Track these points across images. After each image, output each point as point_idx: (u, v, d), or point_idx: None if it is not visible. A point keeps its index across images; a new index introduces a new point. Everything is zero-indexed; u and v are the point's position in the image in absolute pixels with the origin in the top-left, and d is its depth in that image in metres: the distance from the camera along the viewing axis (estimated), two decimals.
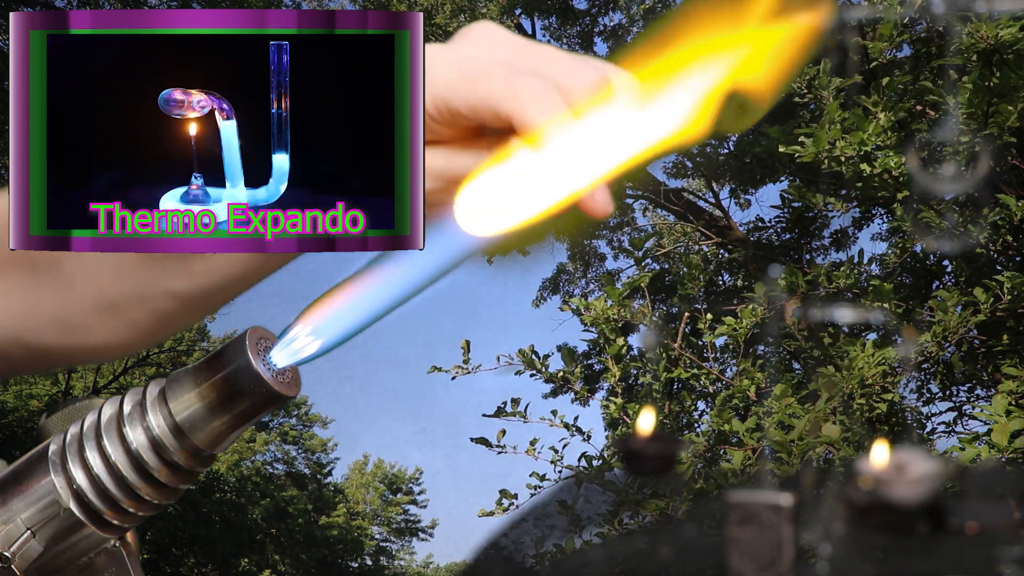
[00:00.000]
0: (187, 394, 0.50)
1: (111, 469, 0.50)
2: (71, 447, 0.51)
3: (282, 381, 0.50)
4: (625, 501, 3.32)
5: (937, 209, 3.67)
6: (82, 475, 0.50)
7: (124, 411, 0.51)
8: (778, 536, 0.34)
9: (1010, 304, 3.34)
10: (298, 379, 0.52)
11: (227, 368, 0.50)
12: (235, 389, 0.49)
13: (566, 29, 10.06)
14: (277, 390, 0.50)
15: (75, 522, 0.50)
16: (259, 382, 0.49)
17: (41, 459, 0.51)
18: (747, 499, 0.34)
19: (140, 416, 0.51)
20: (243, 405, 0.50)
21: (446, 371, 3.98)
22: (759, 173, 6.68)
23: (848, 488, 0.34)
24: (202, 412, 0.50)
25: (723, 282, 7.45)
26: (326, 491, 24.93)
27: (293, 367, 0.51)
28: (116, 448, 0.50)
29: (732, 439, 3.49)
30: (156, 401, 0.51)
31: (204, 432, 0.50)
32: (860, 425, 3.13)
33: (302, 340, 0.48)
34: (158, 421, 0.50)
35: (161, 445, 0.50)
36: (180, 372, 0.51)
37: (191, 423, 0.50)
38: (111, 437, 0.50)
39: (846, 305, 3.85)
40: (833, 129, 3.19)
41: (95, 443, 0.50)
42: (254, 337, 0.50)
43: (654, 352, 4.07)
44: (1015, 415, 2.86)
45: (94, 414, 0.52)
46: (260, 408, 0.50)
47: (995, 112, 3.25)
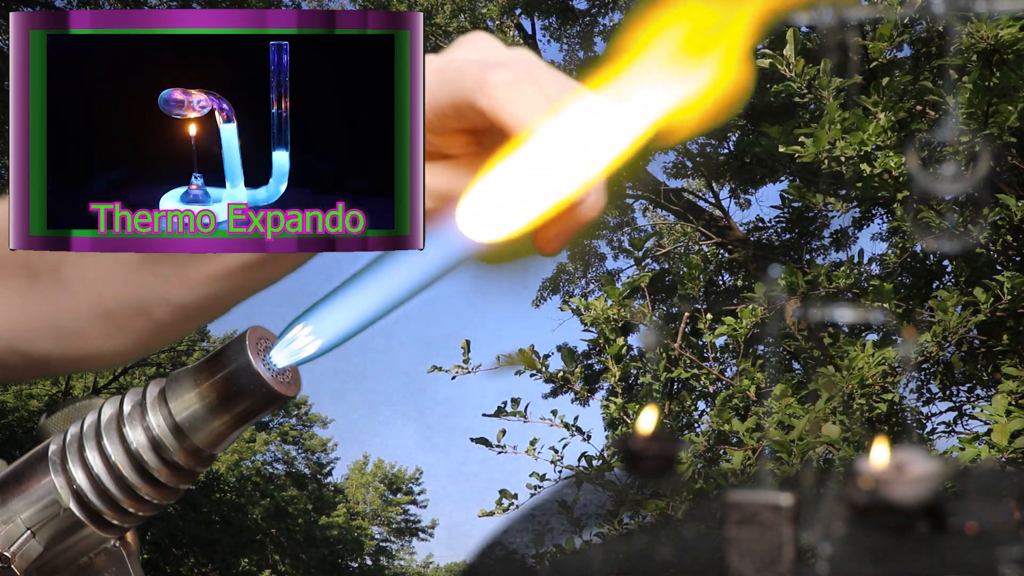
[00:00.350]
0: (187, 394, 0.50)
1: (111, 469, 0.50)
2: (71, 447, 0.51)
3: (282, 381, 0.50)
4: (625, 501, 3.32)
5: (937, 209, 3.67)
6: (82, 475, 0.50)
7: (124, 411, 0.51)
8: (778, 536, 0.34)
9: (1010, 304, 3.34)
10: (298, 379, 0.52)
11: (227, 368, 0.49)
12: (235, 389, 0.49)
13: (566, 29, 10.06)
14: (277, 390, 0.50)
15: (75, 522, 0.50)
16: (259, 382, 0.49)
17: (41, 459, 0.51)
18: (747, 499, 0.34)
19: (140, 416, 0.51)
20: (243, 405, 0.50)
21: (446, 371, 3.98)
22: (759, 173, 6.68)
23: (848, 488, 0.34)
24: (202, 412, 0.50)
25: (723, 282, 7.45)
26: (326, 491, 24.92)
27: (293, 367, 0.51)
28: (116, 448, 0.50)
29: (732, 439, 3.49)
30: (156, 401, 0.51)
31: (204, 432, 0.50)
32: (860, 425, 3.13)
33: (302, 340, 0.48)
34: (158, 421, 0.50)
35: (161, 445, 0.50)
36: (180, 372, 0.51)
37: (191, 423, 0.50)
38: (111, 437, 0.50)
39: (846, 305, 3.85)
40: (833, 129, 3.19)
41: (95, 443, 0.50)
42: (254, 337, 0.50)
43: (654, 352, 4.07)
44: (1015, 415, 2.86)
45: (94, 414, 0.52)
46: (260, 408, 0.50)
47: (995, 112, 3.25)
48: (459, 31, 9.83)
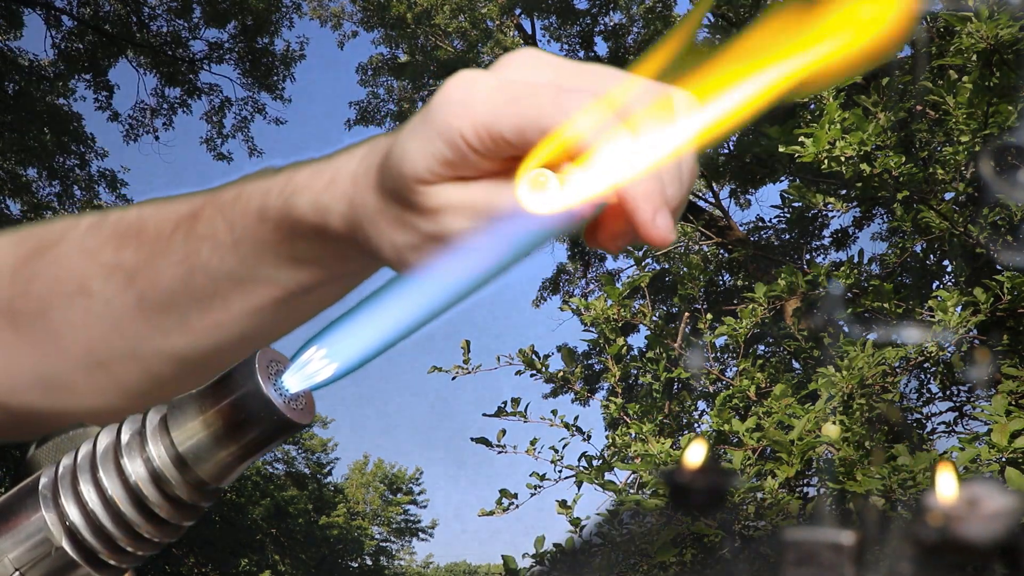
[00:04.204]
0: (191, 422, 0.46)
1: (107, 504, 0.46)
2: (63, 480, 0.47)
3: (295, 408, 0.46)
4: (625, 501, 3.32)
5: (937, 209, 3.67)
6: (76, 511, 0.46)
7: (122, 440, 0.47)
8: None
9: (1010, 304, 3.34)
10: (312, 406, 0.47)
11: (234, 393, 0.45)
12: (243, 416, 0.45)
13: (566, 29, 10.06)
14: (289, 417, 0.45)
15: (68, 562, 0.46)
16: (270, 409, 0.45)
17: (31, 493, 0.47)
18: (805, 537, 0.32)
19: (139, 446, 0.47)
20: (252, 434, 0.46)
21: (446, 371, 3.98)
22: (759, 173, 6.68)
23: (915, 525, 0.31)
24: (207, 442, 0.46)
25: (723, 282, 7.45)
26: (326, 491, 24.91)
27: (307, 392, 0.47)
28: (113, 481, 0.46)
29: (732, 439, 3.49)
30: (157, 430, 0.47)
31: (209, 464, 0.46)
32: (860, 425, 3.13)
33: (316, 363, 0.44)
34: (159, 452, 0.46)
35: (162, 478, 0.46)
36: (183, 398, 0.47)
37: (195, 454, 0.46)
38: (107, 469, 0.46)
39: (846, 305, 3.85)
40: (833, 129, 3.19)
41: (90, 476, 0.46)
42: (264, 359, 0.46)
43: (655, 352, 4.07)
44: (1015, 415, 2.86)
45: (88, 444, 0.48)
46: (271, 437, 0.46)
47: (995, 112, 3.25)
48: (459, 31, 9.82)
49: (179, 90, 12.40)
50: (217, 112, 12.46)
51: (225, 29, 12.09)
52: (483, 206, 0.46)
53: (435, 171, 0.46)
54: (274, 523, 21.07)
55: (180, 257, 0.57)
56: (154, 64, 12.14)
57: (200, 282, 0.57)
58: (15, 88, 11.03)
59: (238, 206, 0.56)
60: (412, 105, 10.73)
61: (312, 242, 0.54)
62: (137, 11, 11.79)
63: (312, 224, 0.53)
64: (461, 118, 0.44)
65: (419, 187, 0.47)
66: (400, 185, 0.47)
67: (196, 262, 0.57)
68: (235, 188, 0.57)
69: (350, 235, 0.51)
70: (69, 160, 11.80)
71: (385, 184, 0.49)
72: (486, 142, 0.45)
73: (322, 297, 0.59)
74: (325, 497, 24.64)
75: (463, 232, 0.46)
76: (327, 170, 0.53)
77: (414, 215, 0.48)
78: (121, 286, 0.58)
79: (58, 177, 11.79)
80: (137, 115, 12.38)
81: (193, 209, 0.58)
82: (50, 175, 11.76)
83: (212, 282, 0.57)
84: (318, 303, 0.60)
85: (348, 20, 12.07)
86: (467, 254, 0.43)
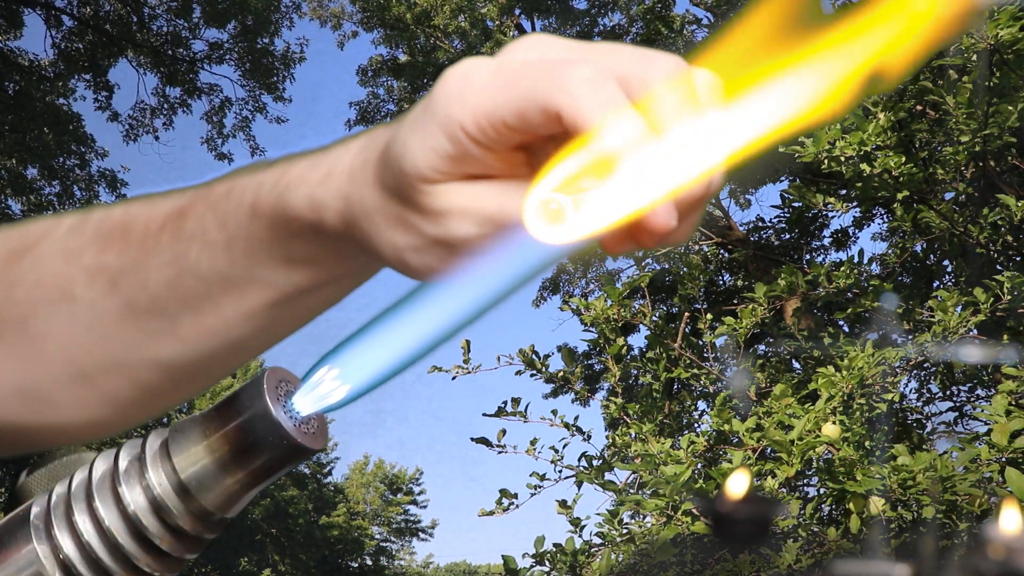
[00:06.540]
0: (194, 447, 0.43)
1: (104, 535, 0.42)
2: (57, 509, 0.43)
3: (306, 432, 0.43)
4: (625, 501, 3.32)
5: (937, 209, 3.67)
6: (70, 542, 0.42)
7: (120, 467, 0.43)
8: None
9: (1010, 304, 3.34)
10: (325, 429, 0.44)
11: (241, 416, 0.42)
12: (250, 441, 0.42)
13: (566, 29, 10.06)
14: (300, 442, 0.42)
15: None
16: (279, 432, 0.42)
17: (22, 523, 0.43)
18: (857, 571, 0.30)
19: (138, 473, 0.43)
20: (260, 460, 0.42)
21: (446, 371, 3.98)
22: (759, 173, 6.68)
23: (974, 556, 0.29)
24: (212, 468, 0.42)
25: (723, 282, 7.44)
26: (326, 491, 24.92)
27: (319, 415, 0.43)
28: (110, 511, 0.43)
29: (732, 439, 3.49)
30: (157, 455, 0.43)
31: (214, 492, 0.43)
32: (860, 425, 3.13)
33: (328, 384, 0.41)
34: (159, 479, 0.43)
35: (163, 507, 0.43)
36: (186, 421, 0.44)
37: (199, 481, 0.43)
38: (104, 498, 0.43)
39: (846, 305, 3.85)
40: (833, 129, 3.19)
41: (85, 505, 0.43)
42: (273, 379, 0.43)
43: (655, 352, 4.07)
44: (1015, 415, 2.86)
45: (84, 471, 0.44)
46: (280, 463, 0.42)
47: (995, 112, 3.25)
48: (459, 32, 9.82)
49: (179, 90, 12.41)
50: (217, 112, 12.47)
51: (225, 29, 12.10)
52: (493, 211, 0.42)
53: (438, 168, 0.42)
54: (274, 523, 21.07)
55: (168, 258, 0.53)
56: (154, 64, 12.14)
57: (190, 284, 0.53)
58: (15, 88, 11.03)
59: (229, 202, 0.52)
60: (412, 106, 10.72)
61: (308, 240, 0.50)
62: (137, 11, 11.79)
63: (307, 221, 0.49)
64: (460, 109, 0.41)
65: (423, 186, 0.43)
66: (402, 183, 0.44)
67: (185, 263, 0.53)
68: (226, 183, 0.53)
69: (347, 233, 0.48)
70: (69, 160, 11.81)
71: (385, 180, 0.45)
72: (488, 132, 0.41)
73: (320, 299, 0.56)
74: (325, 497, 24.64)
75: (470, 238, 0.43)
76: (323, 163, 0.49)
77: (417, 216, 0.44)
78: (105, 290, 0.55)
79: (58, 177, 11.80)
80: (137, 115, 12.40)
81: (181, 206, 0.54)
82: (50, 175, 11.77)
83: (202, 284, 0.53)
84: (316, 306, 0.56)
85: (348, 20, 12.08)
86: (480, 265, 0.40)
